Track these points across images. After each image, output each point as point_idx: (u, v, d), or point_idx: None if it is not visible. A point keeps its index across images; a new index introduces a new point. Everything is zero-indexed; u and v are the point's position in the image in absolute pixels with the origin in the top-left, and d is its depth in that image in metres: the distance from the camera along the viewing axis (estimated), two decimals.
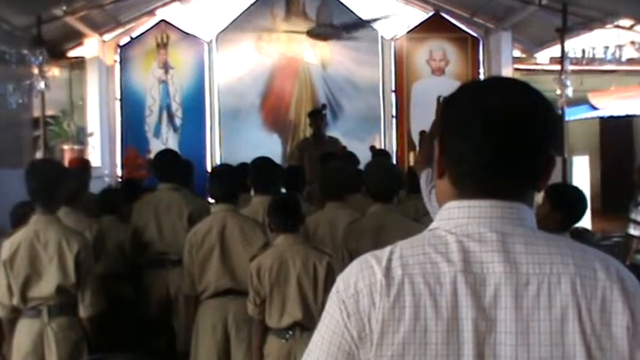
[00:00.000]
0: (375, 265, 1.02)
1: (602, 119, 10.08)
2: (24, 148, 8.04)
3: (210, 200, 4.27)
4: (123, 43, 9.51)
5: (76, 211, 3.90)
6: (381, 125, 9.67)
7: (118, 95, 9.42)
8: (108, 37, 9.51)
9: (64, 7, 7.89)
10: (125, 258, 4.25)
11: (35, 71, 7.42)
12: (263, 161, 4.15)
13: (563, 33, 7.90)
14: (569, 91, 7.90)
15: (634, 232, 4.94)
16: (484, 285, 0.97)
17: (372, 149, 7.12)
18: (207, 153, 9.38)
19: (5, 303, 3.09)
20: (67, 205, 3.68)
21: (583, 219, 3.11)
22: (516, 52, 9.88)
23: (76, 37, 9.13)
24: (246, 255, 3.33)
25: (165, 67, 9.31)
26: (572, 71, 8.26)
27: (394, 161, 8.75)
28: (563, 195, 2.97)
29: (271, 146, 9.03)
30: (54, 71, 8.25)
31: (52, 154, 8.56)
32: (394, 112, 9.66)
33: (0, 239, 3.19)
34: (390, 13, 9.56)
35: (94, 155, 8.86)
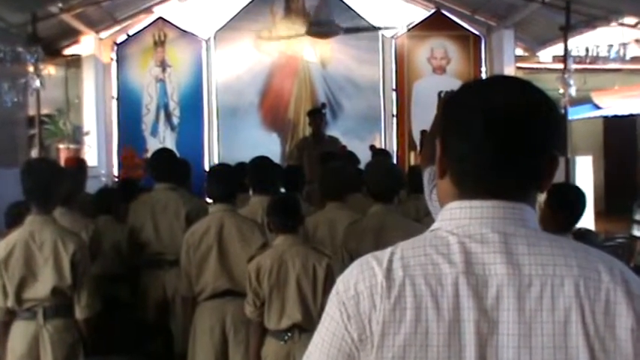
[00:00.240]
0: (376, 267, 1.02)
1: (606, 119, 10.07)
2: (19, 147, 8.04)
3: (208, 200, 4.27)
4: (119, 40, 9.51)
5: (72, 212, 3.90)
6: (382, 124, 9.67)
7: (114, 94, 9.41)
8: (104, 34, 9.52)
9: (59, 5, 7.89)
10: (122, 259, 4.24)
11: (30, 69, 7.42)
12: (262, 161, 4.15)
13: (566, 31, 7.89)
14: (572, 90, 7.90)
15: (638, 233, 4.95)
16: (486, 286, 0.97)
17: (372, 149, 7.14)
18: (205, 152, 9.37)
19: (0, 305, 3.09)
20: (63, 205, 3.67)
21: (586, 220, 3.11)
22: (519, 51, 9.88)
23: (72, 35, 9.13)
24: (245, 256, 3.33)
25: (163, 65, 9.30)
26: (576, 70, 8.25)
27: (395, 161, 8.76)
28: (563, 195, 2.97)
29: (270, 145, 9.03)
30: (49, 69, 8.24)
31: (48, 153, 8.56)
32: (395, 111, 9.65)
33: None
34: (394, 24, 9.56)
35: (90, 154, 8.87)
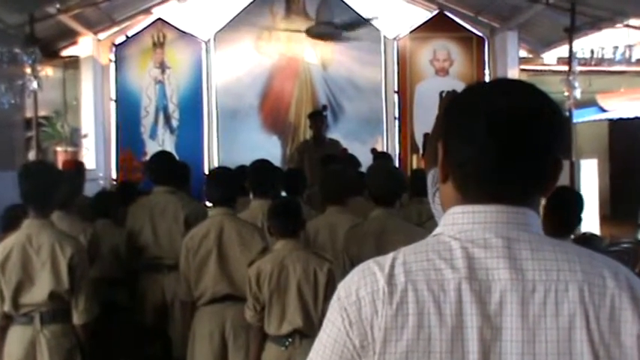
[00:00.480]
0: (378, 272, 1.02)
1: (612, 121, 10.07)
2: (16, 149, 8.04)
3: (208, 204, 4.28)
4: (118, 42, 9.50)
5: (70, 215, 3.91)
6: (384, 127, 9.65)
7: (113, 96, 9.40)
8: (103, 35, 9.52)
9: (57, 5, 7.88)
10: (120, 263, 4.25)
11: (28, 71, 7.42)
12: (262, 164, 4.16)
13: (571, 33, 7.89)
14: (577, 93, 7.89)
15: None
16: (489, 292, 0.97)
17: (374, 152, 7.13)
18: (205, 155, 9.36)
19: None
20: (61, 209, 3.68)
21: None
22: (523, 53, 9.86)
23: (70, 36, 9.13)
24: (245, 260, 3.33)
25: (162, 66, 9.30)
26: (581, 72, 8.24)
27: (397, 164, 8.76)
28: (559, 198, 2.96)
29: (270, 148, 9.02)
30: (47, 71, 8.25)
31: (45, 156, 8.56)
32: (397, 114, 9.64)
33: None
34: (386, 11, 9.53)
35: (88, 157, 8.85)
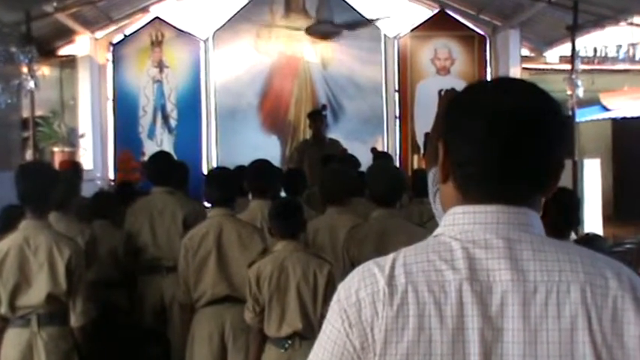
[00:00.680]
0: (378, 273, 1.02)
1: (615, 121, 10.06)
2: (12, 150, 8.04)
3: (206, 204, 4.28)
4: (116, 40, 9.50)
5: (68, 216, 3.91)
6: (384, 126, 9.65)
7: (110, 95, 9.40)
8: (100, 34, 9.51)
9: (54, 4, 7.88)
10: (118, 264, 4.25)
11: (24, 70, 7.41)
12: (261, 164, 4.16)
13: (573, 31, 7.88)
14: (579, 92, 7.88)
15: None
16: (490, 293, 0.97)
17: (374, 151, 7.13)
18: (203, 155, 9.35)
19: None
20: (58, 210, 3.68)
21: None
22: (525, 51, 9.86)
23: (67, 35, 9.13)
24: (244, 261, 3.34)
25: (160, 66, 9.30)
26: (583, 71, 8.24)
27: (398, 164, 8.76)
28: (555, 199, 2.94)
29: (270, 148, 9.01)
30: (44, 70, 8.23)
31: (42, 156, 8.56)
32: (397, 113, 9.64)
33: None
34: (391, 13, 9.54)
35: (85, 157, 8.85)
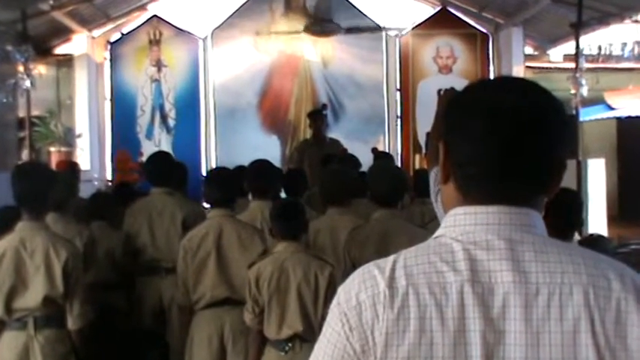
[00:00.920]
0: (378, 275, 1.02)
1: (619, 120, 10.08)
2: (9, 150, 8.04)
3: (206, 205, 4.28)
4: (113, 39, 9.51)
5: (65, 217, 3.91)
6: (386, 126, 9.65)
7: (108, 94, 9.40)
8: (97, 33, 9.52)
9: (50, 2, 7.89)
10: (116, 266, 4.25)
11: (20, 69, 7.42)
12: (261, 164, 4.16)
13: (578, 28, 7.87)
14: (584, 90, 7.87)
15: None
16: (492, 295, 0.98)
17: (375, 151, 7.13)
18: (202, 155, 9.36)
19: None
20: (56, 211, 3.68)
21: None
22: (528, 49, 9.86)
23: (64, 33, 9.14)
24: (244, 263, 3.33)
25: (158, 64, 9.30)
26: (588, 69, 8.22)
27: (399, 164, 8.76)
28: (558, 200, 2.94)
29: (270, 148, 9.02)
30: (40, 69, 8.23)
31: (39, 156, 8.57)
32: (399, 112, 9.63)
33: None
34: (398, 24, 9.57)
35: (82, 158, 8.87)
